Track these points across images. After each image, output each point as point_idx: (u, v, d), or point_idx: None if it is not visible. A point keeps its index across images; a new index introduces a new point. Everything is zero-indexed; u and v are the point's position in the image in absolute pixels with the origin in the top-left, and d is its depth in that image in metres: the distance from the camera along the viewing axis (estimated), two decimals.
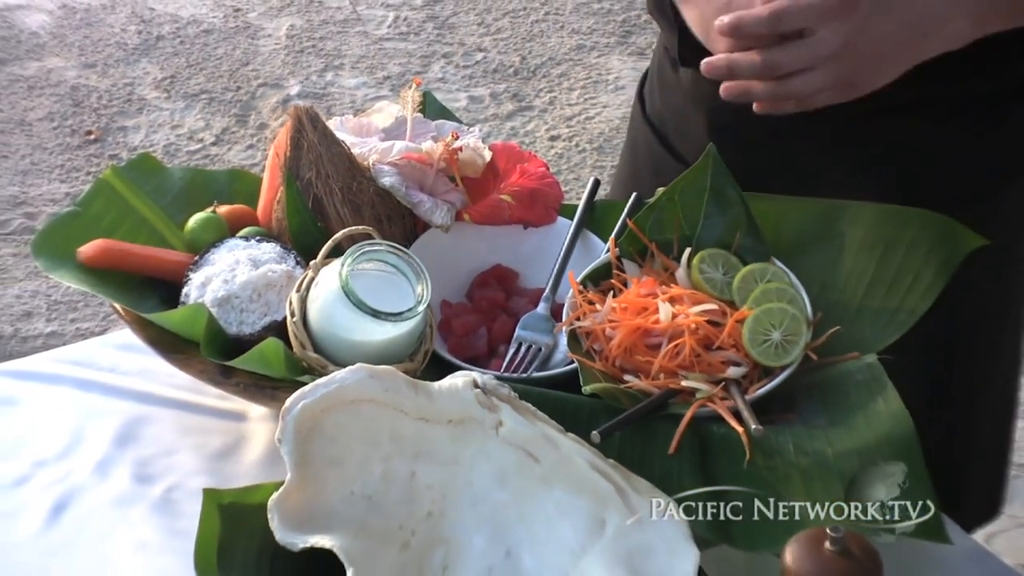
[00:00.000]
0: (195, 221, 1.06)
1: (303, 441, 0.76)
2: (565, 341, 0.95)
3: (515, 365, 0.97)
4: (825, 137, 1.04)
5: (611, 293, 0.96)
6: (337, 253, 0.94)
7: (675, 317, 0.90)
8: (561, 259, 1.05)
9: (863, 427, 0.85)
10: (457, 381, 0.82)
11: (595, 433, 0.81)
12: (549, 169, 1.12)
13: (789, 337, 0.90)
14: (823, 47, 0.87)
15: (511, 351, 0.98)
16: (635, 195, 1.08)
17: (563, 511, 0.78)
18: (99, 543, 0.92)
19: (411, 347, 0.94)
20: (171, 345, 0.97)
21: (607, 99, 3.31)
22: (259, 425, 1.03)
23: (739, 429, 0.84)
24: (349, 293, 0.89)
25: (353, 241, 0.95)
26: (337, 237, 0.96)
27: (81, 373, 1.10)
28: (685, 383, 0.88)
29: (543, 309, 1.02)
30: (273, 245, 1.01)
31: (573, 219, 1.08)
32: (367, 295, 0.89)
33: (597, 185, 1.12)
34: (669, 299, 0.92)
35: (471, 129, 1.13)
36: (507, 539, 0.77)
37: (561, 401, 0.86)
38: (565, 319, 0.95)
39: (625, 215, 1.05)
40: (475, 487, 0.79)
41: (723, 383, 0.88)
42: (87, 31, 3.68)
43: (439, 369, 0.93)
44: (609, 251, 1.00)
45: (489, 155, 1.10)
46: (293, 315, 0.93)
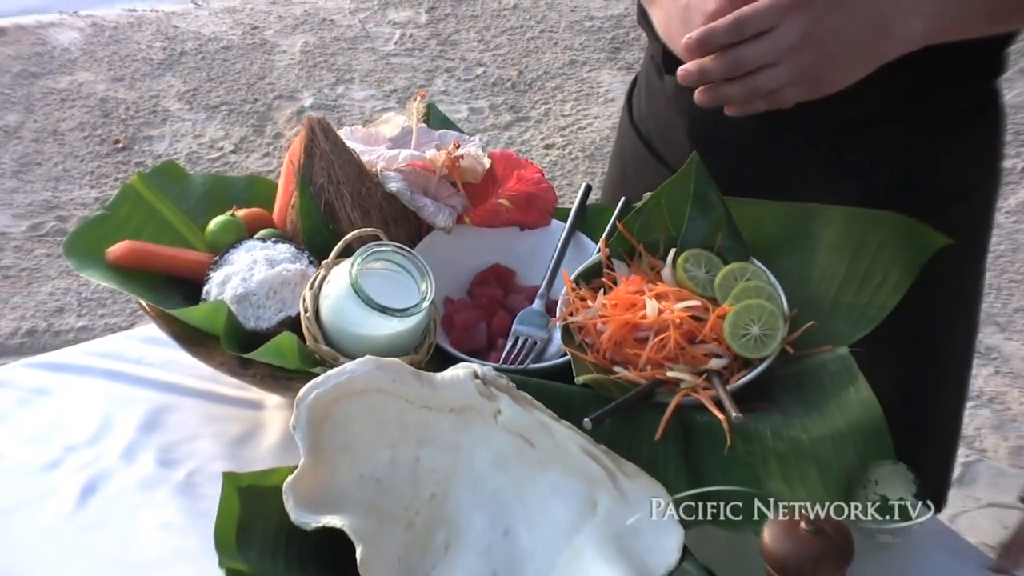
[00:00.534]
0: (215, 224, 1.06)
1: (316, 428, 0.76)
2: (559, 335, 0.95)
3: (512, 357, 0.97)
4: (800, 145, 1.04)
5: (602, 290, 0.96)
6: (347, 253, 0.94)
7: (661, 313, 0.90)
8: (555, 259, 1.05)
9: (836, 414, 0.85)
10: (459, 372, 0.82)
11: (587, 420, 0.81)
12: (544, 175, 1.12)
13: (767, 331, 0.90)
14: (783, 40, 0.85)
15: (509, 344, 0.98)
16: (624, 199, 1.07)
17: (557, 493, 0.78)
18: (126, 523, 0.92)
19: (416, 340, 0.94)
20: (193, 339, 0.97)
21: (598, 110, 3.31)
22: (275, 413, 1.03)
23: (721, 417, 0.84)
24: (359, 290, 0.89)
25: (362, 242, 0.95)
26: (347, 238, 0.96)
27: (109, 365, 1.10)
28: (671, 374, 0.88)
29: (539, 305, 1.01)
30: (288, 246, 1.01)
31: (567, 222, 1.08)
32: (375, 292, 0.89)
33: (588, 190, 1.12)
34: (656, 296, 0.92)
35: (471, 138, 1.13)
36: (505, 519, 0.77)
37: (555, 391, 0.86)
38: (559, 314, 0.95)
39: (615, 218, 1.05)
40: (475, 471, 0.79)
41: (706, 374, 0.88)
42: (115, 47, 3.67)
43: (442, 361, 0.93)
44: (600, 251, 1.00)
45: (488, 162, 1.10)
46: (306, 311, 0.92)
